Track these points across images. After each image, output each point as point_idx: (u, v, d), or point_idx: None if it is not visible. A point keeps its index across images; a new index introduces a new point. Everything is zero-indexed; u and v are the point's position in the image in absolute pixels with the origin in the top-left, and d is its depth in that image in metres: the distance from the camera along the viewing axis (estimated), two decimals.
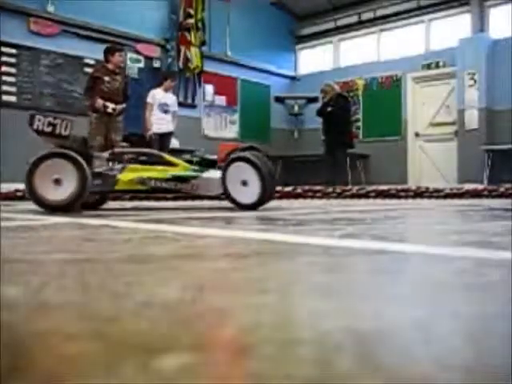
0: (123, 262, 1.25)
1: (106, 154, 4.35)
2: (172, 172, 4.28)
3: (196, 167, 4.39)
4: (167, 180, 4.22)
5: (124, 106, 7.55)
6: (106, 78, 7.41)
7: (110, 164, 4.28)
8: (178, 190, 4.29)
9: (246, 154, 4.08)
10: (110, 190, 4.20)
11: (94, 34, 9.51)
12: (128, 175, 4.15)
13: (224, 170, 4.04)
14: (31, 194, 3.51)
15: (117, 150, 4.44)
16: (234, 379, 0.49)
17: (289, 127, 13.11)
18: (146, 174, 4.22)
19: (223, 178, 3.99)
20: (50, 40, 9.04)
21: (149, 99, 8.01)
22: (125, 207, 4.62)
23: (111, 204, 4.78)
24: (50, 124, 3.72)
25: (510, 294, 0.83)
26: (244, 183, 3.96)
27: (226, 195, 4.04)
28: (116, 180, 4.08)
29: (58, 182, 3.49)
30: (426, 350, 0.55)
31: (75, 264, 1.22)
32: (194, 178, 4.26)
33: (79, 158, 3.56)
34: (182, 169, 4.34)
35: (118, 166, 4.22)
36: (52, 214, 3.29)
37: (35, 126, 3.73)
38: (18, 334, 0.62)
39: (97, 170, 4.03)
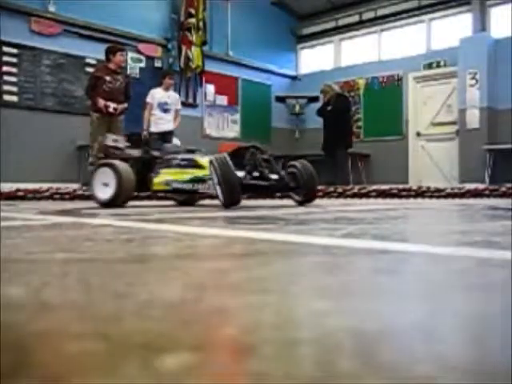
0: (125, 262, 1.26)
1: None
2: (190, 174, 4.52)
3: None
4: (185, 181, 4.57)
5: (125, 105, 7.56)
6: (108, 78, 7.41)
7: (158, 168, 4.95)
8: (196, 190, 4.49)
9: (211, 156, 4.34)
10: (151, 191, 4.95)
11: (95, 34, 9.51)
12: (159, 178, 4.76)
13: (211, 172, 4.23)
14: (92, 194, 4.55)
15: (167, 157, 5.03)
16: (237, 379, 0.49)
17: (290, 127, 13.10)
18: (169, 176, 4.69)
19: (212, 179, 4.14)
20: (51, 40, 9.04)
21: (148, 99, 8.02)
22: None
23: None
24: (114, 140, 5.10)
25: (511, 294, 0.83)
26: (219, 183, 4.11)
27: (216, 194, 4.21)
28: (152, 182, 4.78)
29: (106, 184, 4.41)
30: (428, 349, 0.55)
31: (77, 264, 1.22)
32: (210, 178, 4.34)
33: (118, 167, 4.37)
34: (201, 171, 4.48)
35: (158, 170, 4.86)
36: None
37: (105, 142, 5.09)
38: (19, 334, 0.63)
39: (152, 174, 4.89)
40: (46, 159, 8.78)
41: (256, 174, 4.38)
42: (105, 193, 4.38)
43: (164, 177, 4.74)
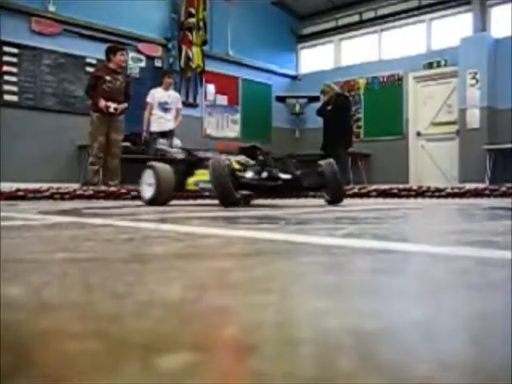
0: (125, 262, 1.26)
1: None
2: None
3: None
4: (208, 181, 4.55)
5: (125, 105, 7.56)
6: (108, 78, 7.41)
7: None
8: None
9: (209, 155, 4.61)
10: (185, 190, 5.17)
11: (95, 34, 9.51)
12: (192, 178, 4.94)
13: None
14: (140, 194, 4.95)
15: (202, 154, 5.27)
16: (238, 379, 0.49)
17: (290, 126, 13.10)
18: (197, 177, 4.84)
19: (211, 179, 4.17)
20: (51, 39, 9.04)
21: (148, 99, 8.03)
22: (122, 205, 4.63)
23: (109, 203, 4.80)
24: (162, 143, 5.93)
25: (511, 294, 0.83)
26: (213, 186, 4.18)
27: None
28: (186, 183, 4.98)
29: (150, 185, 4.75)
30: (428, 349, 0.55)
31: (77, 263, 1.22)
32: None
33: (158, 169, 4.68)
34: None
35: (194, 171, 5.03)
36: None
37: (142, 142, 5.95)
38: (20, 334, 0.63)
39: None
40: (46, 159, 8.78)
41: (265, 174, 4.39)
42: (149, 192, 4.73)
43: (195, 177, 4.91)
